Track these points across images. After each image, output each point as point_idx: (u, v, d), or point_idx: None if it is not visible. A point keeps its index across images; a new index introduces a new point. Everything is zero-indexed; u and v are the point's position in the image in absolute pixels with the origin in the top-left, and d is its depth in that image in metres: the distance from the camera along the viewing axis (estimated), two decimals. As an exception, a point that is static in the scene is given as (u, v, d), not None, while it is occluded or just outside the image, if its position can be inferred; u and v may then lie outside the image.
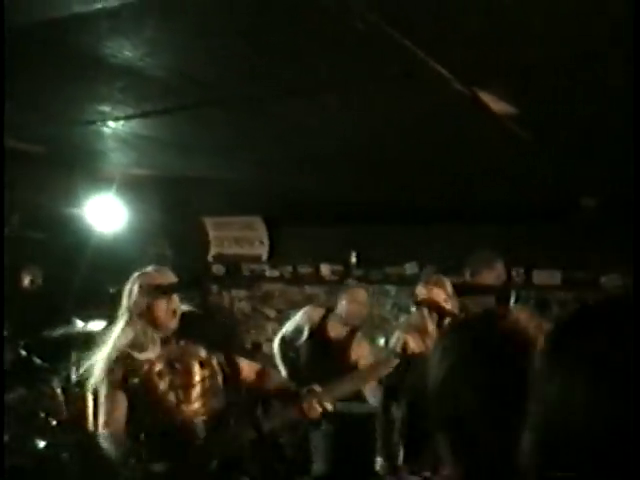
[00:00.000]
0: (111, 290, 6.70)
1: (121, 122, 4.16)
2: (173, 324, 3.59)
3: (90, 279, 6.87)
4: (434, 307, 4.19)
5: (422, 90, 3.18)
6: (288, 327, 5.73)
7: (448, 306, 4.30)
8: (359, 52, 2.81)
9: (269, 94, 3.48)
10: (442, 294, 4.42)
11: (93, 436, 5.09)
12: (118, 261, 7.36)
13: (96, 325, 5.61)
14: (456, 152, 4.29)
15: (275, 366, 5.55)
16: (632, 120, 3.38)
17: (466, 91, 3.14)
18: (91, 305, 6.11)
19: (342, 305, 5.46)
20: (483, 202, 5.63)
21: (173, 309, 3.58)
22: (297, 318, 5.70)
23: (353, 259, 6.65)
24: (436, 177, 4.97)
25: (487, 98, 3.23)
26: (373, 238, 6.29)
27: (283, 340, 5.69)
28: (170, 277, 3.74)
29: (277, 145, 4.56)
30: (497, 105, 3.32)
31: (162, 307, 3.56)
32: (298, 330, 5.63)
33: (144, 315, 3.57)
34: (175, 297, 3.62)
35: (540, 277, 6.46)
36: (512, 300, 5.32)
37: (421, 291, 4.45)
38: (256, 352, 7.11)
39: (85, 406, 5.16)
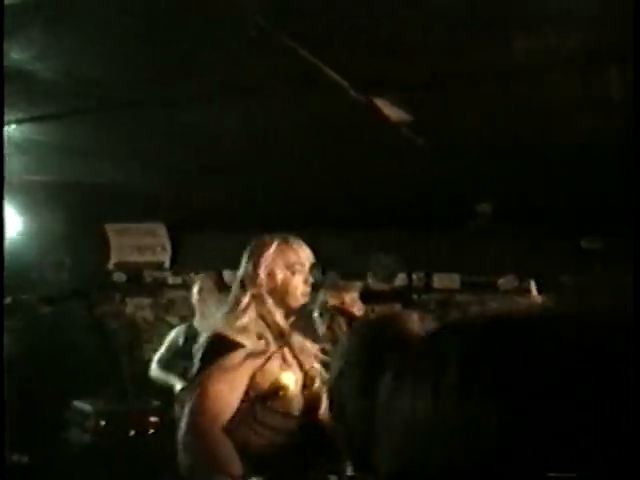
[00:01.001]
0: (7, 301, 6.49)
1: (12, 126, 4.03)
2: None
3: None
4: (346, 313, 4.16)
5: (319, 97, 3.20)
6: (162, 350, 5.69)
7: (359, 312, 4.29)
8: (255, 59, 2.81)
9: (164, 99, 3.44)
10: (352, 300, 4.42)
11: None
12: (14, 270, 7.13)
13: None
14: (354, 158, 4.33)
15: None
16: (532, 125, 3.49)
17: (361, 98, 3.18)
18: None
19: None
20: (383, 207, 5.71)
21: None
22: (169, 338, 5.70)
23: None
24: (335, 182, 5.01)
25: (382, 104, 3.28)
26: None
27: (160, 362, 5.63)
28: None
29: (176, 150, 4.51)
30: (392, 111, 3.37)
31: None
32: (169, 349, 5.61)
33: None
34: None
35: (440, 281, 6.60)
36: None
37: (329, 297, 4.40)
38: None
39: None
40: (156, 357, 5.66)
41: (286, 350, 2.83)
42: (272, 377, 2.74)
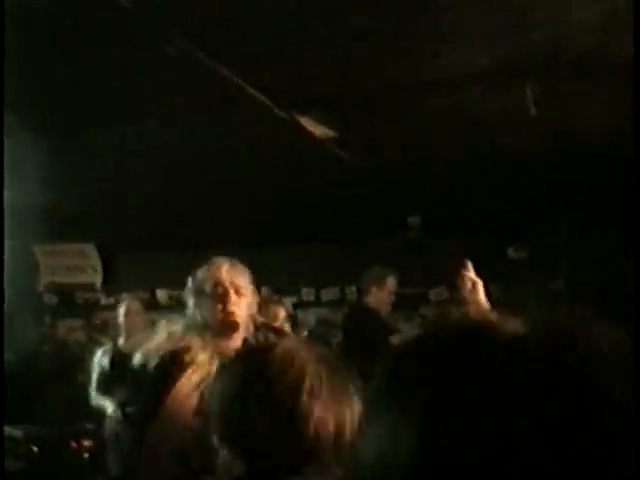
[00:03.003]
0: None
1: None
2: None
3: None
4: (271, 328, 4.17)
5: (243, 116, 3.23)
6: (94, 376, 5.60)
7: (286, 327, 4.30)
8: (177, 80, 2.82)
9: (92, 121, 3.42)
10: (281, 314, 4.43)
11: None
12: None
13: None
14: (282, 174, 4.37)
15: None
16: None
17: (286, 116, 3.21)
18: None
19: None
20: (314, 222, 5.75)
21: None
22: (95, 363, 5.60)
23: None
24: (264, 199, 5.03)
25: (307, 123, 3.32)
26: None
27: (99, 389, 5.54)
28: None
29: (103, 171, 4.47)
30: (317, 129, 3.42)
31: None
32: (102, 374, 5.52)
33: None
34: None
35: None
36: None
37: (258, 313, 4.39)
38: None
39: None
40: (93, 385, 5.55)
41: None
42: None
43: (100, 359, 5.57)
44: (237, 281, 2.95)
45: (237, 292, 2.95)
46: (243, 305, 2.97)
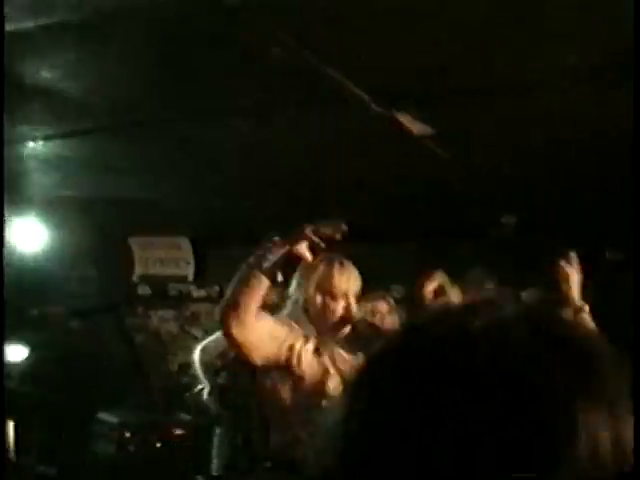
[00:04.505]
0: (34, 312, 6.58)
1: (40, 143, 4.11)
2: None
3: (11, 302, 6.71)
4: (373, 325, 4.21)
5: (341, 113, 3.24)
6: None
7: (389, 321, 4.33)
8: (278, 77, 2.86)
9: (189, 117, 3.50)
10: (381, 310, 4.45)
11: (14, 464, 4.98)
12: (41, 283, 7.22)
13: (17, 350, 5.48)
14: (378, 172, 4.36)
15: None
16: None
17: (385, 113, 3.21)
18: (12, 328, 5.96)
19: None
20: (406, 220, 5.73)
21: None
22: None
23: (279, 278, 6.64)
24: (361, 196, 5.03)
25: (404, 119, 3.31)
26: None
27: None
28: None
29: (200, 166, 4.57)
30: (414, 126, 3.41)
31: None
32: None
33: None
34: None
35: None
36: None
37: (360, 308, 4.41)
38: (183, 373, 7.04)
39: (5, 433, 5.04)
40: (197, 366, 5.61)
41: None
42: None
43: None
44: (346, 278, 2.98)
45: (343, 289, 2.97)
46: (349, 300, 3.00)
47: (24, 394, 5.47)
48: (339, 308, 2.94)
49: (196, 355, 5.65)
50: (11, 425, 5.09)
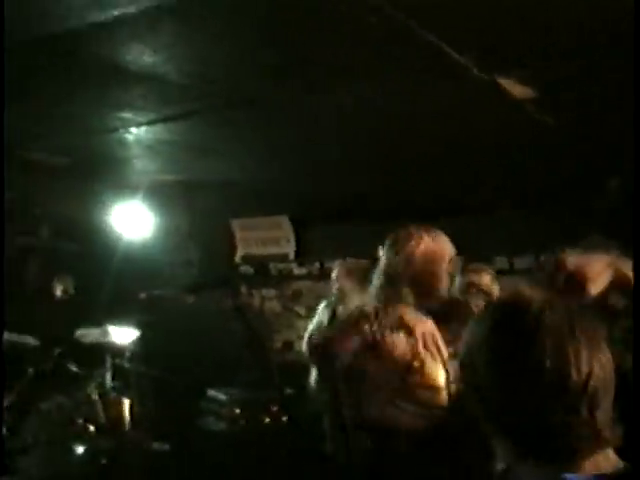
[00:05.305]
0: (141, 296, 6.77)
1: (143, 128, 4.20)
2: None
3: (120, 286, 6.93)
4: (486, 294, 4.19)
5: (441, 79, 3.18)
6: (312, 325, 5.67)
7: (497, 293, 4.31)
8: (376, 46, 2.82)
9: (291, 94, 3.49)
10: (490, 281, 4.42)
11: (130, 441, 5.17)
12: (147, 267, 7.44)
13: (127, 331, 5.65)
14: (483, 142, 4.26)
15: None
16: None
17: (485, 77, 3.13)
18: (122, 312, 6.16)
19: None
20: (507, 188, 5.59)
21: None
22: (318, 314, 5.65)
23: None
24: (463, 171, 4.94)
25: (506, 83, 3.22)
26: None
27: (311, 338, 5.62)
28: None
29: (301, 145, 4.57)
30: (517, 89, 3.31)
31: None
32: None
33: None
34: None
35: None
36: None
37: (469, 279, 4.37)
38: (287, 350, 7.13)
39: (122, 411, 5.22)
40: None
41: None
42: None
43: (322, 311, 5.64)
44: (443, 251, 2.95)
45: (439, 259, 2.94)
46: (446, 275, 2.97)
47: (139, 374, 5.64)
48: (436, 279, 2.92)
49: (304, 341, 5.70)
50: (127, 403, 5.25)
